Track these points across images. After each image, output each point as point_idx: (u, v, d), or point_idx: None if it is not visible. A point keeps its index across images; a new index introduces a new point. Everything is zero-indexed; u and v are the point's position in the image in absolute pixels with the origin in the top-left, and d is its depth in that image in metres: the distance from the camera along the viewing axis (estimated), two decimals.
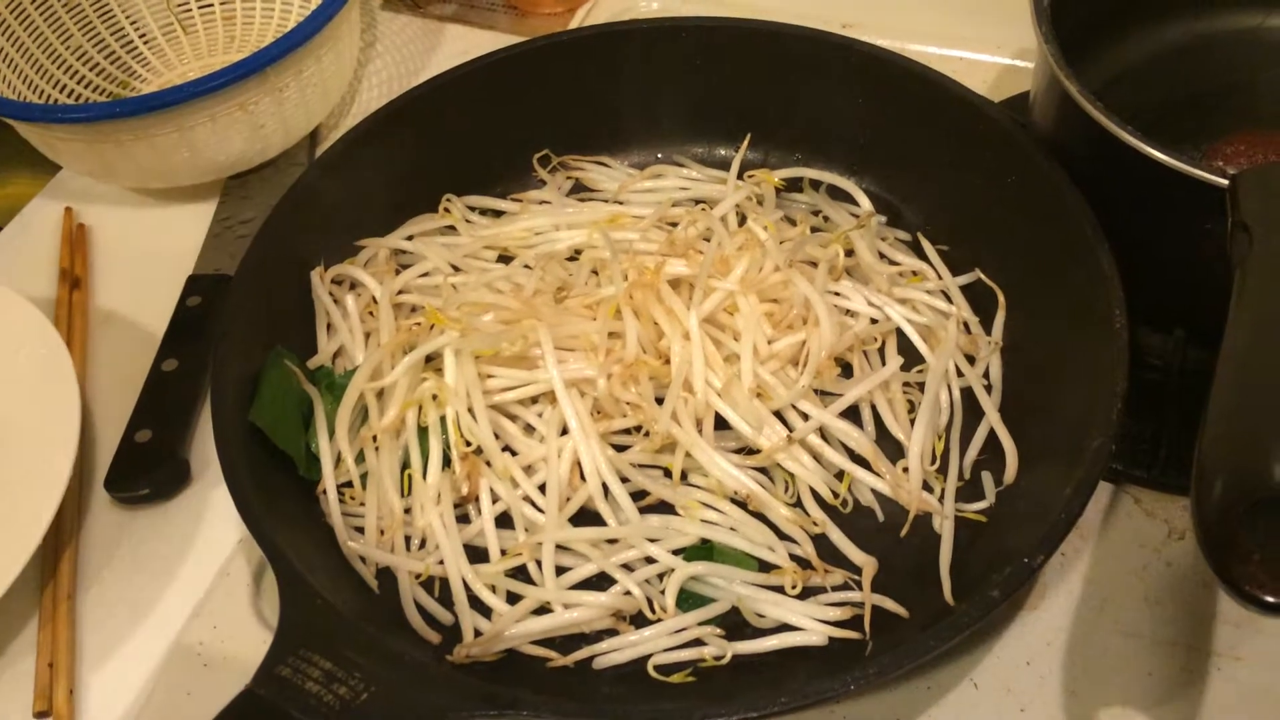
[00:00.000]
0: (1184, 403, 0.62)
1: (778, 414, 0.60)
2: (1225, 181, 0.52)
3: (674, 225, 0.68)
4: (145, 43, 0.90)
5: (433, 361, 0.63)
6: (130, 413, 0.68)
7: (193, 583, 0.63)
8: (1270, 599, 0.40)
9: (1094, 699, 0.55)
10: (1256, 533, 0.40)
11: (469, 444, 0.60)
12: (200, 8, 0.91)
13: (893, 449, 0.60)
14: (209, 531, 0.65)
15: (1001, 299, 0.64)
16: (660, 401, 0.60)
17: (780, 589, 0.56)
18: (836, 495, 0.59)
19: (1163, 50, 0.71)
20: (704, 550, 0.57)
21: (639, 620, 0.56)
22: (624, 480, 0.59)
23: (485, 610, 0.56)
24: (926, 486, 0.59)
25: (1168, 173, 0.54)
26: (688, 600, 0.56)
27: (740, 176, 0.71)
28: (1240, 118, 0.69)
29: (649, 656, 0.54)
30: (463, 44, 0.91)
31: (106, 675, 0.60)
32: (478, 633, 0.55)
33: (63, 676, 0.59)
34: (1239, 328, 0.47)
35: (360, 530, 0.59)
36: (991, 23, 0.83)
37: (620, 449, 0.60)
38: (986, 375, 0.63)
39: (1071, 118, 0.58)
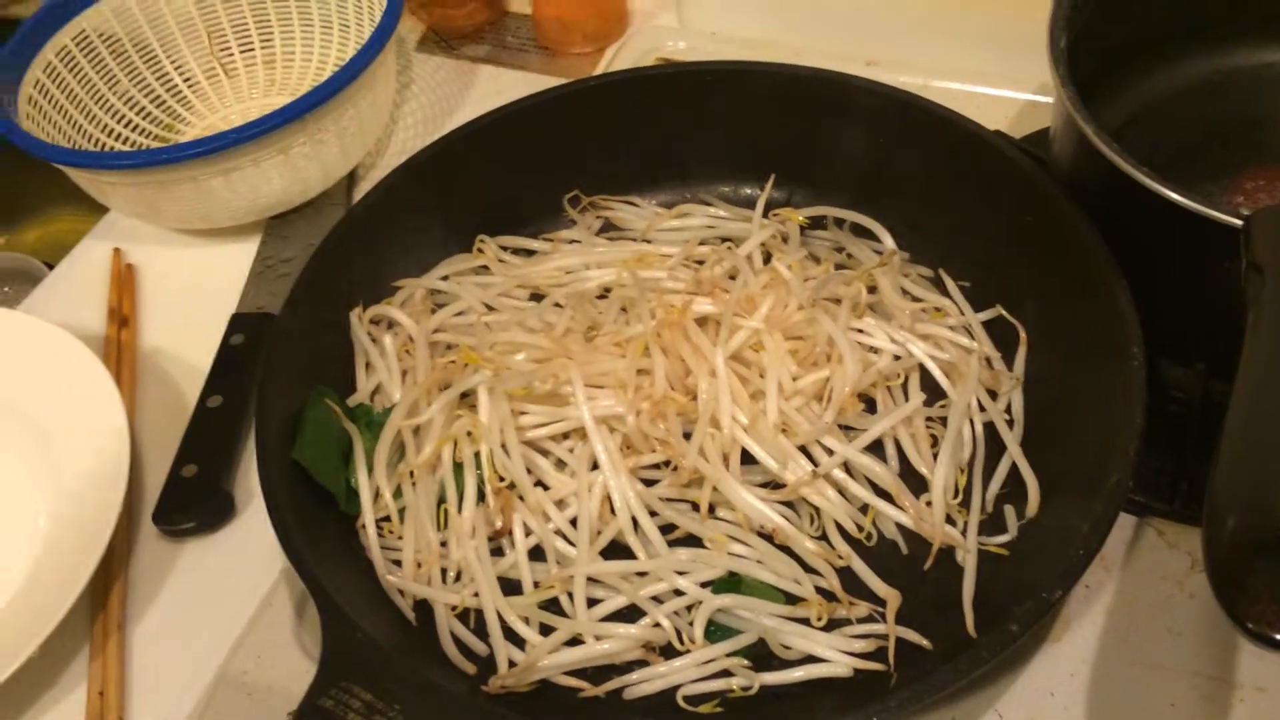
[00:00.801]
0: (1206, 435, 0.62)
1: (803, 449, 0.62)
2: (1239, 222, 0.53)
3: (700, 263, 0.70)
4: (189, 86, 0.93)
5: (467, 398, 0.65)
6: (176, 448, 0.70)
7: (237, 613, 0.65)
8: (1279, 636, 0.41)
9: None
10: (1266, 571, 0.41)
11: (502, 479, 0.61)
12: (242, 51, 0.94)
13: (916, 483, 0.62)
14: (252, 563, 0.67)
15: (1023, 335, 0.65)
16: (688, 437, 0.61)
17: (806, 621, 0.57)
18: (861, 529, 0.61)
19: (1181, 87, 0.72)
20: (732, 583, 0.58)
21: (668, 651, 0.57)
22: (653, 514, 0.60)
23: (519, 641, 0.58)
24: (950, 520, 0.60)
25: (1182, 213, 0.55)
26: (716, 632, 0.57)
27: (765, 215, 0.72)
28: (1260, 153, 0.70)
29: (678, 687, 0.56)
30: (495, 84, 0.93)
31: (156, 704, 0.62)
32: (512, 663, 0.57)
33: (113, 706, 0.61)
34: (1252, 367, 0.48)
35: (398, 564, 0.61)
36: (1013, 59, 0.84)
37: (649, 483, 0.62)
38: (1008, 410, 0.64)
39: (1088, 157, 0.59)
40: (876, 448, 0.63)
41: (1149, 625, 0.59)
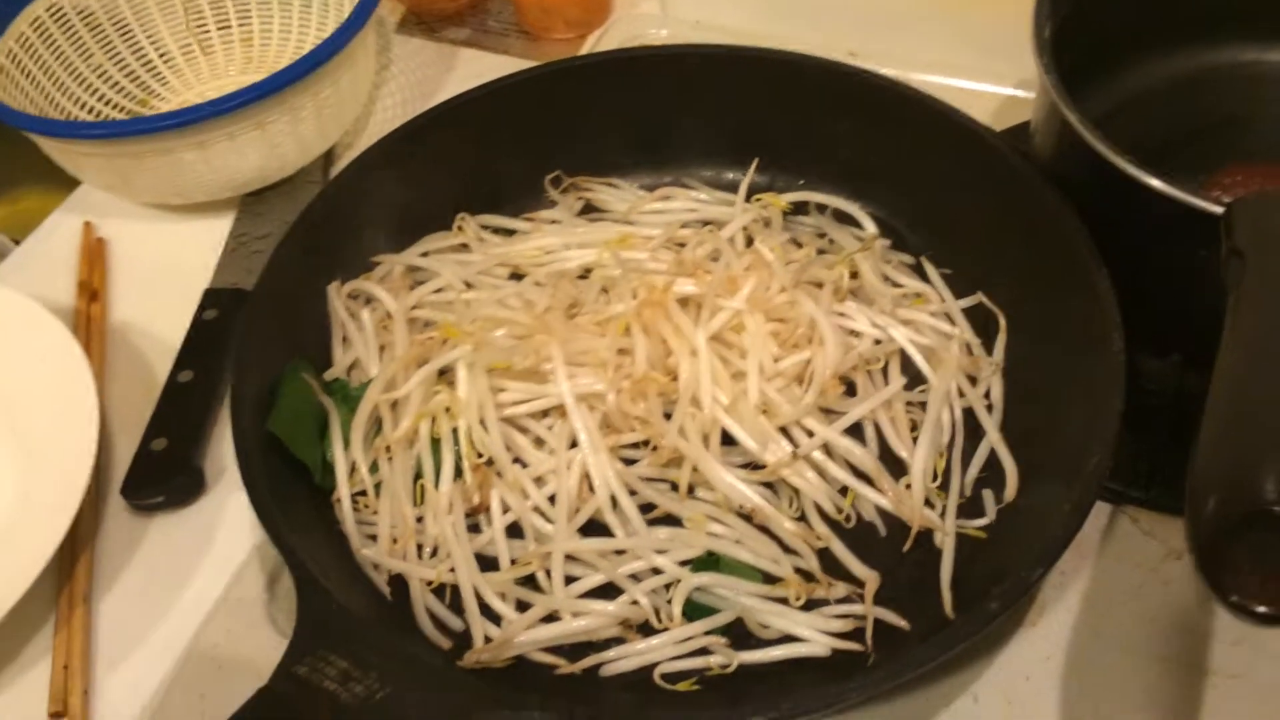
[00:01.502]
0: (1181, 426, 0.63)
1: (783, 431, 0.61)
2: (1220, 209, 0.53)
3: (682, 246, 0.70)
4: (165, 62, 0.91)
5: (445, 375, 0.64)
6: (145, 423, 0.69)
7: (206, 588, 0.64)
8: (1262, 609, 0.41)
9: (1092, 714, 0.56)
10: (1248, 546, 0.42)
11: (481, 455, 0.61)
12: (219, 29, 0.93)
13: (895, 466, 0.62)
14: (223, 539, 0.66)
15: (1003, 321, 0.65)
16: (668, 418, 0.61)
17: (784, 601, 0.57)
18: (840, 510, 0.60)
19: (1162, 84, 0.73)
20: (710, 562, 0.58)
21: (646, 630, 0.57)
22: (632, 493, 0.60)
23: (495, 618, 0.57)
24: (928, 503, 0.60)
25: (1164, 201, 0.55)
26: (694, 611, 0.57)
27: (748, 199, 0.72)
28: (1238, 151, 0.70)
29: (655, 665, 0.55)
30: (476, 67, 0.93)
31: (121, 678, 0.61)
32: (488, 639, 0.56)
33: (77, 679, 0.60)
34: (1232, 349, 0.49)
35: (373, 538, 0.60)
36: (994, 54, 0.84)
37: (629, 463, 0.61)
38: (987, 395, 0.64)
39: (1071, 146, 0.60)
40: (855, 431, 0.63)
41: (1123, 612, 0.60)
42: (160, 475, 0.67)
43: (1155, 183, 0.55)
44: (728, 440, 0.62)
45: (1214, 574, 0.42)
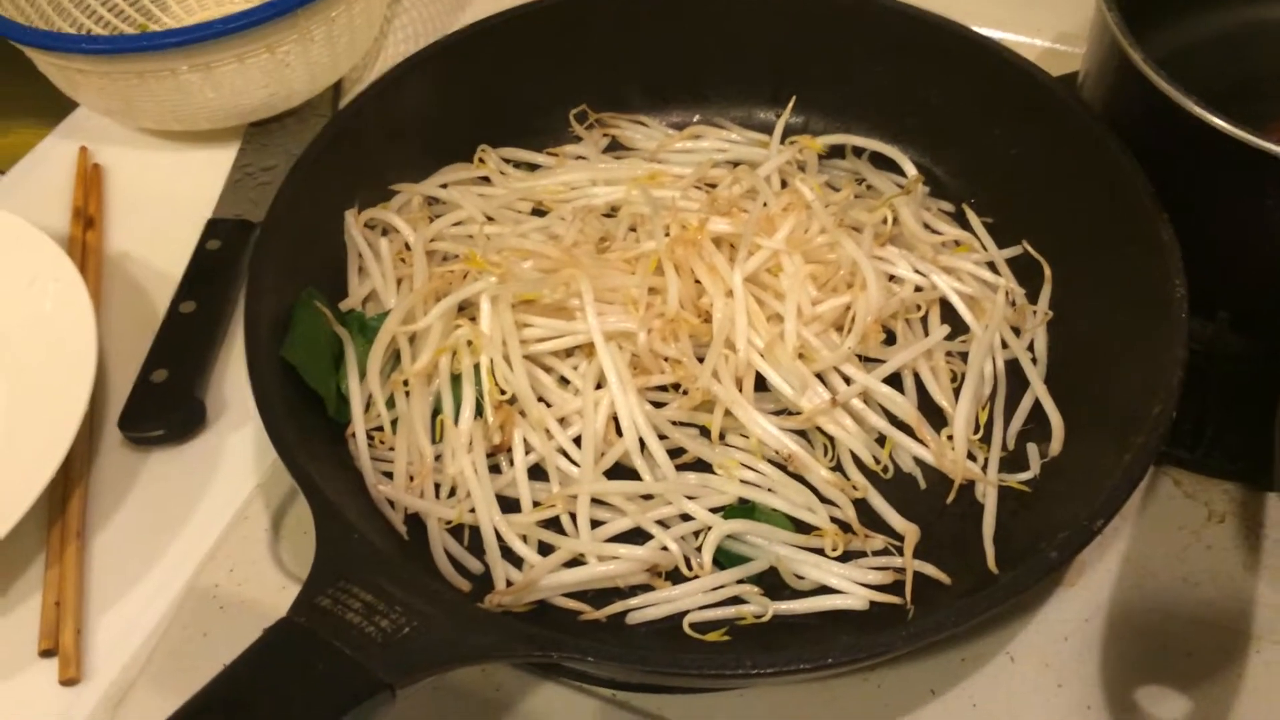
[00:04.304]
0: (1226, 386, 0.61)
1: (819, 377, 0.59)
2: None
3: (713, 187, 0.67)
4: None
5: (465, 310, 0.61)
6: (144, 356, 0.66)
7: (207, 527, 0.61)
8: None
9: (1131, 677, 0.54)
10: None
11: (503, 393, 0.58)
12: None
13: (935, 418, 0.59)
14: (225, 475, 0.63)
15: (1048, 271, 0.63)
16: (700, 360, 0.58)
17: (820, 552, 0.55)
18: (878, 461, 0.58)
19: (1211, 36, 0.71)
20: (742, 510, 0.56)
21: (674, 577, 0.54)
22: (661, 437, 0.57)
23: (516, 562, 0.55)
24: (970, 456, 0.58)
25: (1231, 143, 0.53)
26: (725, 559, 0.55)
27: (782, 141, 0.69)
28: None
29: (684, 614, 0.53)
30: (491, 3, 0.88)
31: (116, 616, 0.58)
32: (509, 583, 0.53)
33: (70, 616, 0.57)
34: None
35: (389, 475, 0.57)
36: (1032, 6, 0.83)
37: (658, 405, 0.59)
38: (1031, 347, 0.62)
39: (1130, 87, 0.57)
40: (893, 382, 0.60)
41: (1165, 574, 0.58)
42: (160, 407, 0.64)
43: (1225, 125, 0.53)
44: (760, 387, 0.59)
45: None
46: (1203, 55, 0.71)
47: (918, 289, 0.63)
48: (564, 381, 0.60)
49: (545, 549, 0.54)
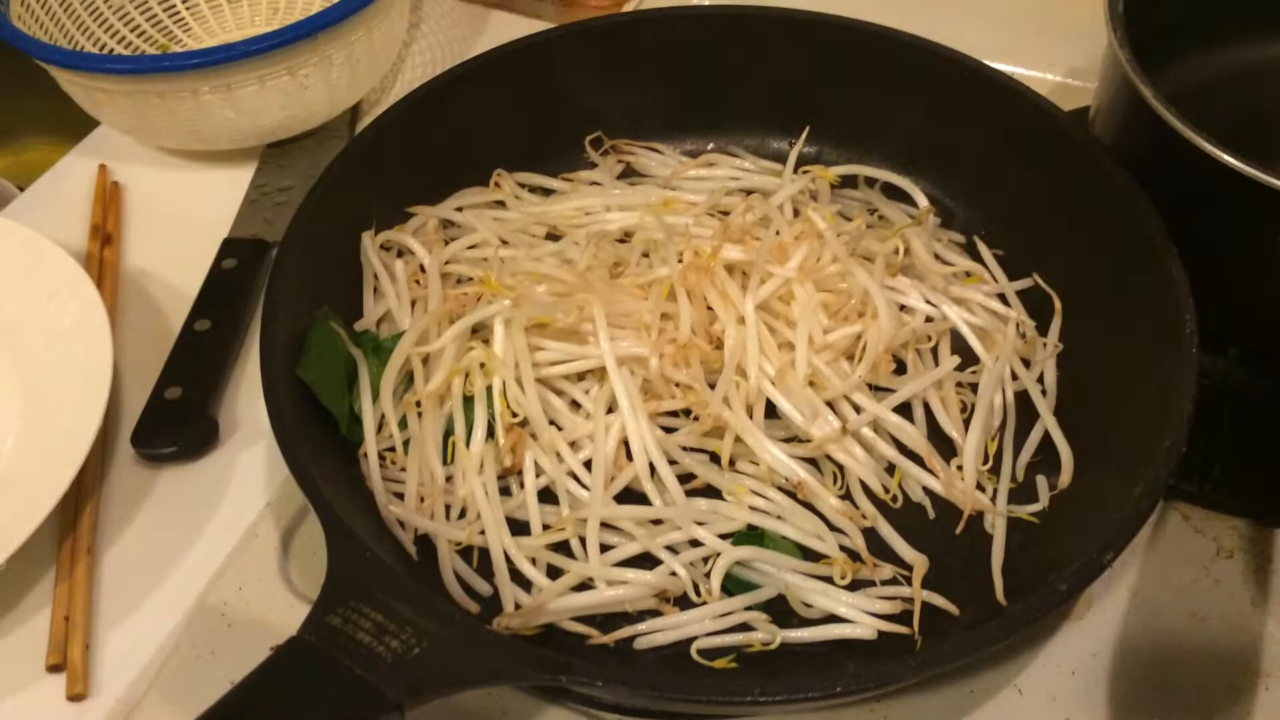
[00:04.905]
0: (1236, 421, 0.62)
1: (829, 405, 0.59)
2: None
3: (726, 214, 0.67)
4: (188, 8, 0.89)
5: (479, 333, 0.61)
6: (158, 373, 0.66)
7: (216, 544, 0.61)
8: None
9: (1139, 712, 0.54)
10: None
11: (515, 416, 0.58)
12: None
13: (944, 448, 0.59)
14: (236, 493, 0.63)
15: (1058, 304, 0.63)
16: (712, 386, 0.59)
17: (829, 579, 0.55)
18: (887, 490, 0.58)
19: (1226, 73, 0.71)
20: (751, 537, 0.56)
21: (683, 603, 0.54)
22: (671, 462, 0.57)
23: (525, 584, 0.55)
24: (979, 487, 0.58)
25: (1242, 180, 0.53)
26: (733, 586, 0.55)
27: (794, 171, 0.70)
28: None
29: (692, 640, 0.53)
30: (507, 31, 0.89)
31: (124, 632, 0.58)
32: (518, 606, 0.53)
33: (78, 631, 0.57)
34: None
35: (400, 496, 0.57)
36: (1044, 41, 0.83)
37: (668, 431, 0.59)
38: (1041, 380, 0.62)
39: (1142, 125, 0.58)
40: (903, 411, 0.60)
41: (1173, 609, 0.58)
42: (173, 424, 0.64)
43: (1236, 162, 0.53)
44: (770, 414, 0.59)
45: None
46: (1214, 92, 0.72)
47: (928, 319, 0.63)
48: (575, 405, 0.60)
49: (554, 572, 0.55)
